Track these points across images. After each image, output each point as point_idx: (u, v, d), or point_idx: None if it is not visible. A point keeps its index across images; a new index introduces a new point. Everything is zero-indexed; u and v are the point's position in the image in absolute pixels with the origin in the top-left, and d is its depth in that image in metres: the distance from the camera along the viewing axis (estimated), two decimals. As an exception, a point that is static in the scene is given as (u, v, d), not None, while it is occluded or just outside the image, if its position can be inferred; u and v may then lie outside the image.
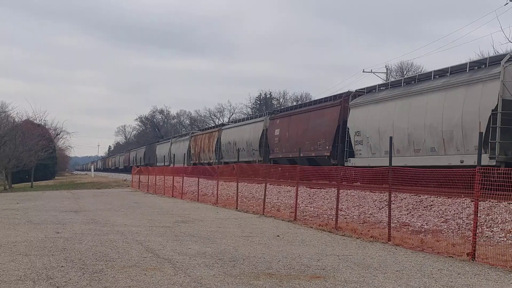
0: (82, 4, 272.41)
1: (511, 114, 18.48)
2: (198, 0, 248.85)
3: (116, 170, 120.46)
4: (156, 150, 77.95)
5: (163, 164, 65.30)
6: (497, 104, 18.53)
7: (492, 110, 18.64)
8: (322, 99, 33.18)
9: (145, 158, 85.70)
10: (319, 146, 30.56)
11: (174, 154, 60.48)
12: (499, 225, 13.65)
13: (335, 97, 31.40)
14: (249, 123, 44.28)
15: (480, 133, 12.88)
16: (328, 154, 29.27)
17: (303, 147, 30.56)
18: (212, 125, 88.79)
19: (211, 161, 49.88)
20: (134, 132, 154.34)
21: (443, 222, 15.09)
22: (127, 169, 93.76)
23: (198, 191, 29.18)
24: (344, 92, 30.09)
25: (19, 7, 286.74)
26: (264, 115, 42.23)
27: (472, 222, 11.17)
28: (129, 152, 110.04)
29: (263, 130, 39.54)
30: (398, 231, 14.24)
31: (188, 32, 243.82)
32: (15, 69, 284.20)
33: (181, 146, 63.63)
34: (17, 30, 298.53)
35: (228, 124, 52.97)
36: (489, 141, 18.49)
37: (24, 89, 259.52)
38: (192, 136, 59.62)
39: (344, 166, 25.69)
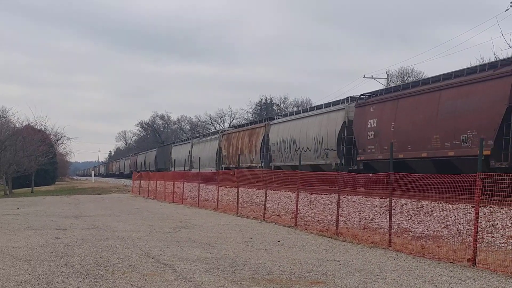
0: (83, 9, 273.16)
1: None
2: (199, 5, 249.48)
3: (121, 175, 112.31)
4: (171, 153, 67.50)
5: (182, 169, 53.63)
6: None
7: None
8: (458, 71, 22.54)
9: (156, 162, 76.36)
10: (464, 141, 20.72)
11: (200, 157, 49.44)
12: (500, 230, 13.65)
13: (492, 65, 21.22)
14: (318, 114, 33.24)
15: (481, 139, 12.65)
16: (487, 153, 19.21)
17: (427, 144, 22.49)
18: (213, 129, 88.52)
19: (254, 164, 40.09)
20: (135, 137, 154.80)
21: (443, 227, 15.09)
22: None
23: (198, 196, 29.18)
24: None
25: (20, 12, 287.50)
26: (344, 102, 30.99)
27: (472, 228, 11.16)
28: (136, 156, 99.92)
29: (344, 122, 29.16)
30: (399, 236, 14.23)
31: (188, 37, 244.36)
32: (15, 74, 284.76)
33: (207, 147, 53.39)
34: (18, 35, 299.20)
35: (280, 118, 41.37)
36: None
37: (24, 94, 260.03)
38: (223, 135, 49.46)
39: None
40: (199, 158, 46.33)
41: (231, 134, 47.51)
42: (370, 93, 29.04)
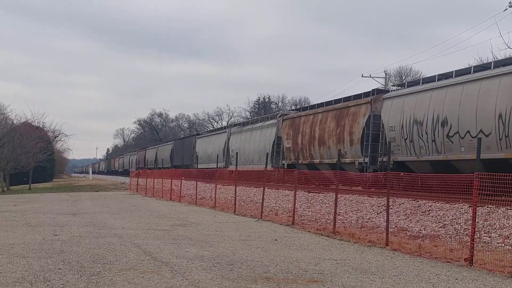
0: (83, 9, 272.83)
1: None
2: (199, 5, 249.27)
3: (125, 172, 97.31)
4: (195, 146, 55.20)
5: (214, 166, 40.08)
6: None
7: None
8: None
9: (173, 158, 63.31)
10: None
11: (243, 151, 39.66)
12: (497, 230, 13.66)
13: None
14: (505, 74, 18.84)
15: (479, 139, 12.69)
16: None
17: None
18: (211, 127, 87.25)
19: (348, 159, 27.30)
20: (133, 135, 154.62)
21: (441, 227, 15.10)
22: (141, 172, 67.81)
23: (196, 194, 29.16)
24: None
25: (19, 11, 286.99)
26: None
27: (470, 228, 11.16)
28: (144, 151, 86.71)
29: None
30: (396, 236, 14.24)
31: (188, 37, 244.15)
32: (14, 72, 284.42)
33: (256, 137, 39.75)
34: (17, 35, 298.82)
35: (399, 89, 26.43)
36: None
37: (24, 93, 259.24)
38: (284, 119, 35.87)
39: None
40: (242, 152, 36.46)
41: (299, 118, 33.87)
42: None
